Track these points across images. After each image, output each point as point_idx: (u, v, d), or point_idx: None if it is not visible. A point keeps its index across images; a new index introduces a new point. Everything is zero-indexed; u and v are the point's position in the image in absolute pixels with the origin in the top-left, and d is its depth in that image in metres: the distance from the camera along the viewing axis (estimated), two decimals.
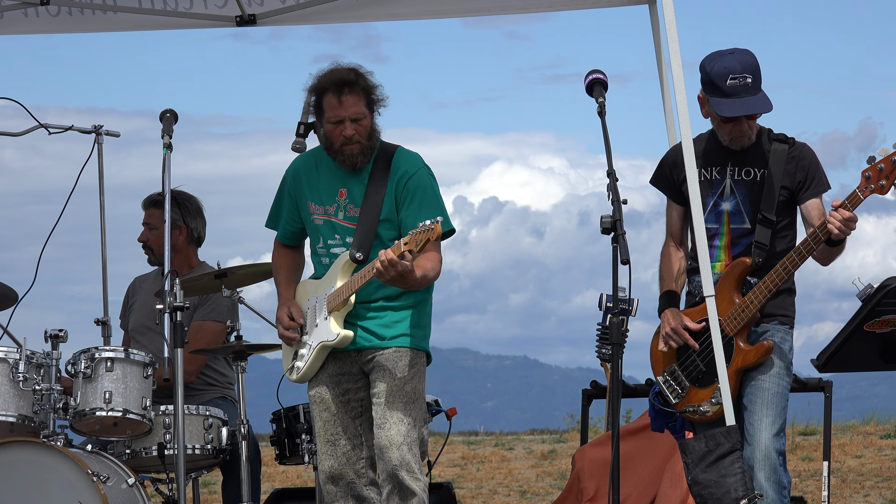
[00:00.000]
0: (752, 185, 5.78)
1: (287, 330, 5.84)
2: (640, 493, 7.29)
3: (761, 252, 5.75)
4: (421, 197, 5.72)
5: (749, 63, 5.70)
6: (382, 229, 5.72)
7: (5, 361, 6.28)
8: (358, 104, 5.69)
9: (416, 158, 5.81)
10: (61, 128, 7.82)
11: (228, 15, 7.70)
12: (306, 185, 5.88)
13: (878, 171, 5.45)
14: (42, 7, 7.61)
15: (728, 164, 5.82)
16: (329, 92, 5.69)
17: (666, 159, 5.99)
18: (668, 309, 5.88)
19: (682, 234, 5.99)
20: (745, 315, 5.71)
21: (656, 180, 6.01)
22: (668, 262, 5.96)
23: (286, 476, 12.56)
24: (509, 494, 11.78)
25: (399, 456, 5.64)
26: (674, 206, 5.98)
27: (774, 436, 5.67)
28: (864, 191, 5.48)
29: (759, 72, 5.71)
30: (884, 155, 5.45)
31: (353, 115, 5.68)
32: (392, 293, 5.74)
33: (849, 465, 12.18)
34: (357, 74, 5.72)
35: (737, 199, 5.82)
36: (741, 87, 5.67)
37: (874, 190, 5.46)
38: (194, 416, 6.57)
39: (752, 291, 5.70)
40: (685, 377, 5.85)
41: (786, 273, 5.65)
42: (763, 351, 5.70)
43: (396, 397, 5.68)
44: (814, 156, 5.80)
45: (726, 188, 5.82)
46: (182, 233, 7.27)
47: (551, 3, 7.39)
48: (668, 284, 5.93)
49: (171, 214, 7.20)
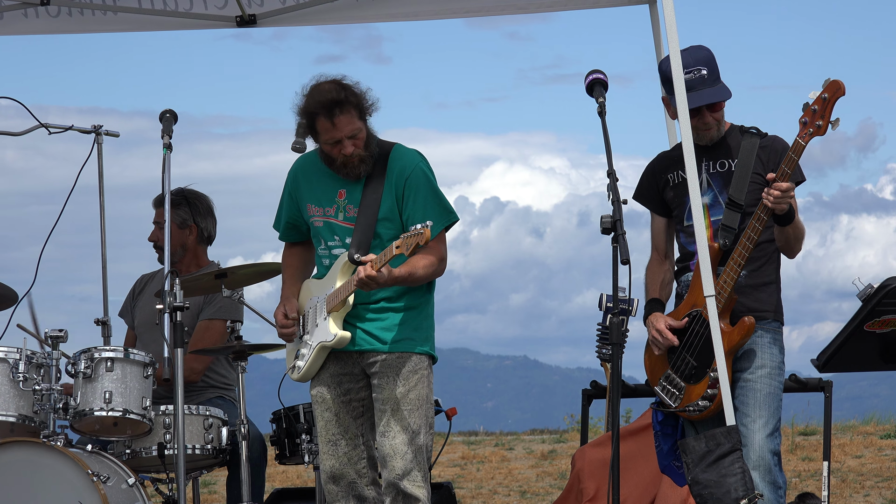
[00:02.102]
0: (727, 175, 5.81)
1: (283, 328, 5.85)
2: (641, 493, 7.29)
3: (727, 234, 5.74)
4: (425, 193, 5.71)
5: (701, 56, 5.76)
6: (382, 228, 5.72)
7: (5, 361, 6.28)
8: (352, 121, 5.64)
9: (413, 155, 5.79)
10: (61, 127, 7.81)
11: (228, 15, 7.71)
12: (305, 187, 5.89)
13: (813, 113, 5.49)
14: (42, 7, 7.61)
15: (702, 160, 5.84)
16: (320, 116, 5.62)
17: (644, 172, 6.06)
18: (652, 314, 5.90)
19: (666, 246, 6.03)
20: (722, 297, 5.70)
21: (638, 196, 6.05)
22: (653, 275, 6.01)
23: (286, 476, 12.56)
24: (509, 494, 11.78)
25: (403, 466, 5.65)
26: (657, 218, 6.02)
27: (768, 436, 5.67)
28: (804, 137, 5.51)
29: (714, 63, 5.76)
30: (814, 97, 5.48)
31: (349, 134, 5.65)
32: (393, 294, 5.73)
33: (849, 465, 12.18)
34: (344, 90, 5.63)
35: (714, 192, 5.84)
36: (697, 79, 5.72)
37: (813, 133, 5.49)
38: (194, 416, 6.58)
39: (724, 272, 5.69)
40: (680, 378, 5.85)
41: (750, 243, 5.63)
42: (745, 328, 5.68)
43: (401, 405, 5.68)
44: (787, 145, 5.80)
45: (703, 183, 5.84)
46: (192, 232, 7.27)
47: (551, 3, 7.39)
48: (651, 294, 5.97)
49: (182, 214, 7.22)
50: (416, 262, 5.61)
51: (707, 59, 5.75)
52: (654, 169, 6.00)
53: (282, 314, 5.86)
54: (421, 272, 5.66)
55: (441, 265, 5.75)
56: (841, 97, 5.47)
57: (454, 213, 5.79)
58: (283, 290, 5.97)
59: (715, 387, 5.69)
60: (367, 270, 5.45)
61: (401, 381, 5.68)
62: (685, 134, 5.74)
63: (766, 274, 5.79)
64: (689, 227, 5.83)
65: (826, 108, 5.46)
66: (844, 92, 5.48)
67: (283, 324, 5.84)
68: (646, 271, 6.03)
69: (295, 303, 5.89)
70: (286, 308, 5.87)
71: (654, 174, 5.98)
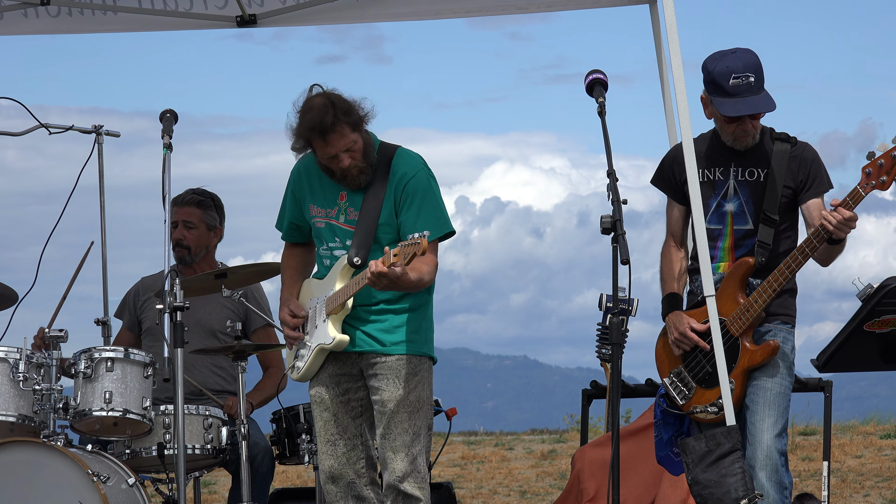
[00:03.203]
0: (756, 185, 5.77)
1: (293, 329, 5.84)
2: (641, 493, 7.29)
3: (764, 252, 5.74)
4: (420, 200, 5.70)
5: (751, 62, 5.68)
6: (381, 233, 5.71)
7: (5, 361, 6.28)
8: (345, 137, 5.64)
9: (416, 160, 5.78)
10: (62, 127, 7.81)
11: (229, 15, 7.71)
12: (308, 188, 5.89)
13: (879, 167, 5.45)
14: (42, 7, 7.61)
15: (731, 165, 5.81)
16: (313, 138, 5.64)
17: (667, 158, 5.98)
18: (672, 313, 5.86)
19: (682, 233, 5.98)
20: (751, 315, 5.71)
21: (657, 180, 6.00)
22: (669, 262, 5.95)
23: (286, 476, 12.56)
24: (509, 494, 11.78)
25: (403, 468, 5.65)
26: (675, 205, 5.96)
27: (776, 436, 5.67)
28: (865, 187, 5.48)
29: (762, 71, 5.70)
30: (883, 150, 5.45)
31: (343, 148, 5.65)
32: (392, 296, 5.73)
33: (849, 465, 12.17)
34: (333, 109, 5.61)
35: (740, 200, 5.81)
36: (744, 86, 5.65)
37: (875, 186, 5.46)
38: (194, 416, 6.57)
39: (757, 291, 5.69)
40: (692, 378, 5.85)
41: (789, 272, 5.65)
42: (769, 351, 5.70)
43: (401, 407, 5.68)
44: (816, 155, 5.80)
45: (730, 189, 5.82)
46: (217, 235, 7.28)
47: (551, 3, 7.39)
48: (669, 286, 5.92)
49: (213, 216, 7.22)
50: (420, 268, 5.59)
51: (756, 66, 5.67)
52: (676, 159, 5.88)
53: (288, 314, 5.86)
54: (427, 277, 5.66)
55: (434, 273, 5.73)
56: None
57: (450, 225, 5.76)
58: (283, 292, 5.97)
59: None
60: (378, 266, 5.43)
61: (401, 384, 5.68)
62: (685, 134, 5.74)
63: (790, 281, 5.78)
64: (710, 231, 5.78)
65: (894, 165, 5.43)
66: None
67: (294, 323, 5.84)
68: (661, 257, 5.97)
69: (298, 303, 5.89)
70: (291, 307, 5.87)
71: (677, 165, 5.87)
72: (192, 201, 7.19)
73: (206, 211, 7.20)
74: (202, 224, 7.18)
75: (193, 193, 7.23)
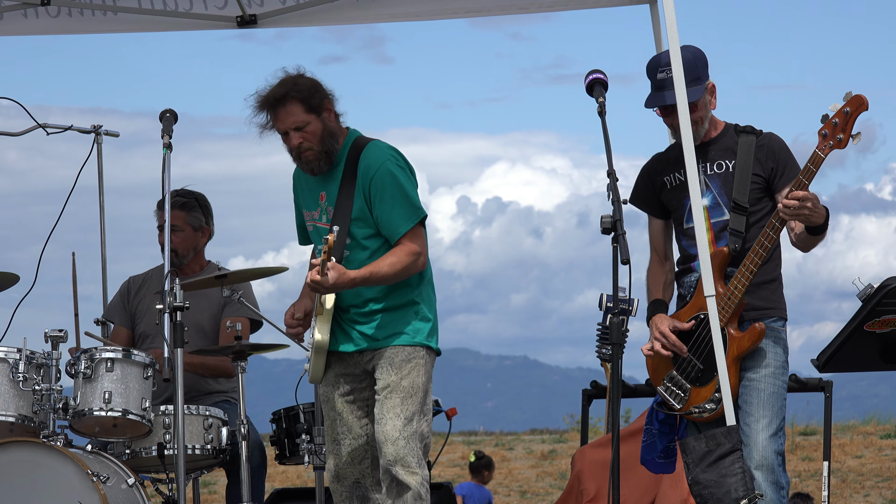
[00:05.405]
0: (726, 176, 5.79)
1: (288, 328, 5.89)
2: (641, 494, 7.29)
3: (737, 239, 5.73)
4: (390, 192, 5.69)
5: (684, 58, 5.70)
6: (355, 228, 5.72)
7: (5, 361, 6.28)
8: (295, 113, 5.68)
9: (381, 152, 5.76)
10: (60, 128, 7.81)
11: (229, 15, 7.71)
12: (300, 193, 5.95)
13: (834, 126, 5.47)
14: (42, 7, 7.61)
15: (699, 163, 5.81)
16: (266, 110, 5.73)
17: (639, 175, 6.04)
18: (656, 315, 5.88)
19: (665, 246, 6.00)
20: (732, 303, 5.70)
21: (634, 199, 6.01)
22: (654, 276, 5.99)
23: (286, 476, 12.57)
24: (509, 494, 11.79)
25: (394, 451, 5.64)
26: (654, 220, 6.00)
27: (772, 436, 5.66)
28: (823, 149, 5.49)
29: (695, 66, 5.73)
30: (835, 110, 5.47)
31: (292, 125, 5.69)
32: (376, 294, 5.75)
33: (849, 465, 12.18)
34: (291, 86, 5.70)
35: (713, 193, 5.82)
36: (669, 79, 5.71)
37: (833, 146, 5.48)
38: (194, 416, 6.57)
39: (735, 277, 5.68)
40: (685, 380, 5.84)
41: (763, 251, 5.63)
42: (756, 334, 5.68)
43: (393, 392, 5.68)
44: (783, 143, 5.79)
45: (701, 184, 5.82)
46: (205, 235, 7.26)
47: (552, 3, 7.40)
48: (654, 295, 5.95)
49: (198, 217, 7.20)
50: (379, 262, 5.65)
51: (687, 61, 5.69)
52: (649, 171, 5.98)
53: (290, 314, 5.90)
54: (386, 269, 5.65)
55: (415, 260, 5.69)
56: (864, 112, 5.45)
57: (421, 210, 5.75)
58: (303, 290, 6.00)
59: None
60: (312, 276, 5.53)
61: (394, 370, 5.70)
62: (685, 135, 5.74)
63: (768, 271, 5.78)
64: (689, 230, 5.81)
65: (848, 122, 5.44)
66: (867, 107, 5.45)
67: (289, 324, 5.89)
68: (647, 273, 6.01)
69: (304, 303, 5.92)
70: (294, 308, 5.89)
71: (650, 176, 5.96)
72: (175, 204, 7.07)
73: (190, 212, 7.17)
74: (187, 226, 7.15)
75: (177, 195, 7.14)
